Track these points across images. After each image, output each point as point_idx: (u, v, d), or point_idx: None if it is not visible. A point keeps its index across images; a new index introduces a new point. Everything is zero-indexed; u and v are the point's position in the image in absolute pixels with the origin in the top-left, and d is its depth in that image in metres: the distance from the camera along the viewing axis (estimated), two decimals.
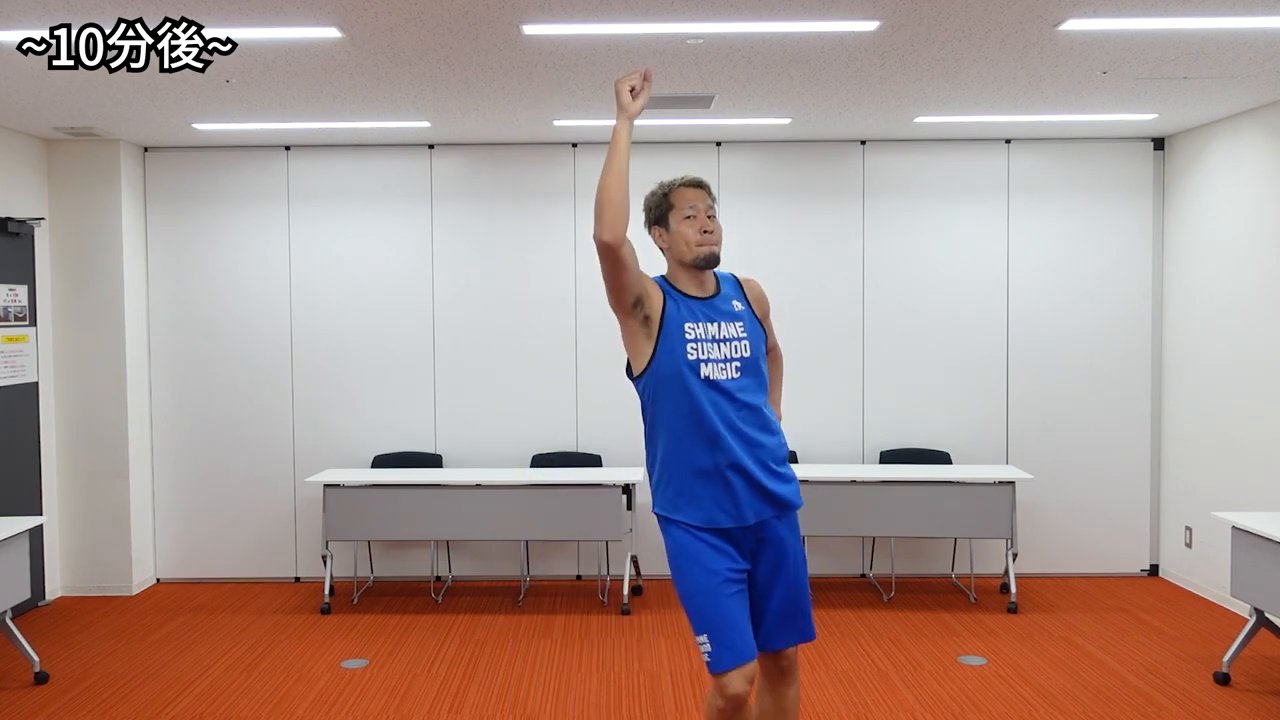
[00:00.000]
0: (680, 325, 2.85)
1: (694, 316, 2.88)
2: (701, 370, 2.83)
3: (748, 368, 2.89)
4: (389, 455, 6.31)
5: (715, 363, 2.85)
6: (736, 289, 3.04)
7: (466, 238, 6.35)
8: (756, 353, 2.93)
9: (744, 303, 3.01)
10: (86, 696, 4.53)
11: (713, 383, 2.83)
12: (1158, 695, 4.45)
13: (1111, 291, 6.32)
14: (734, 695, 2.79)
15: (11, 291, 5.74)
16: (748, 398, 2.87)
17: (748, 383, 2.89)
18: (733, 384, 2.86)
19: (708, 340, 2.86)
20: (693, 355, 2.83)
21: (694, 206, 2.92)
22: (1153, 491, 6.36)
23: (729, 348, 2.87)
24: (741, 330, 2.92)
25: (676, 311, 2.87)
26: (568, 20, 3.79)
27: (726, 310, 2.94)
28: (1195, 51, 4.31)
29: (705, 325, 2.87)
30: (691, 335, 2.85)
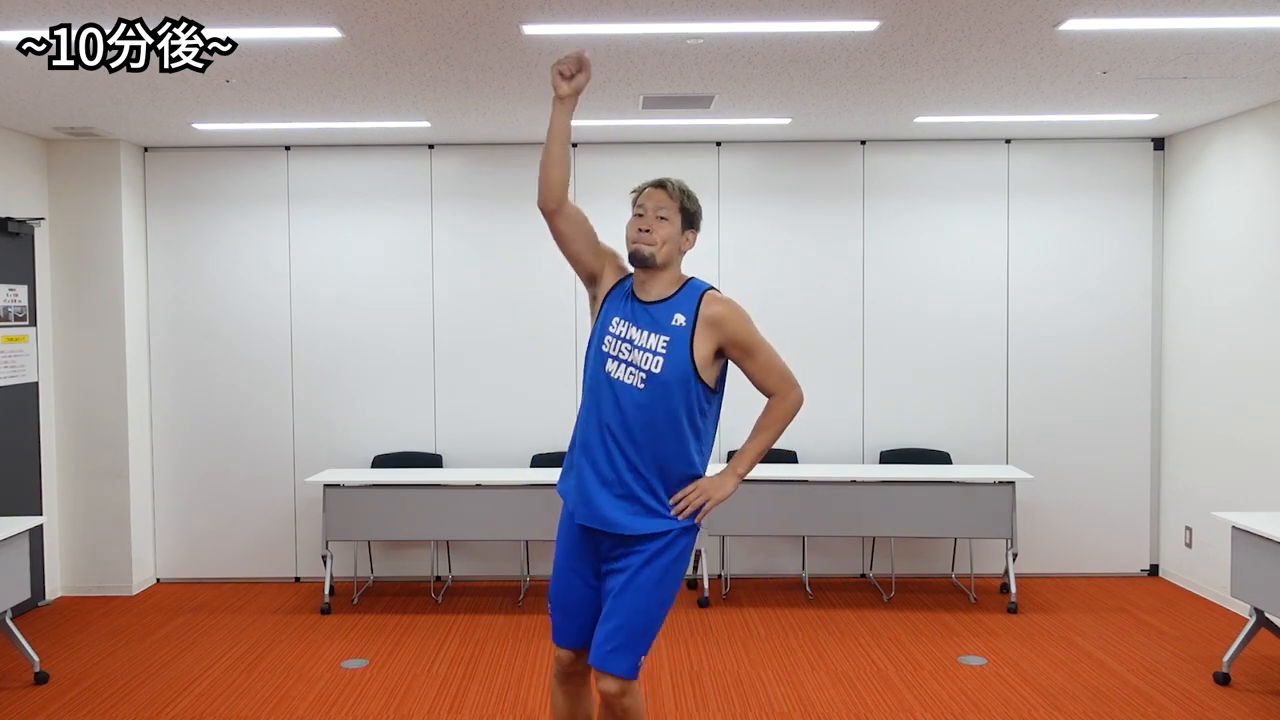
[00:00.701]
0: (610, 316, 2.93)
1: (623, 313, 2.92)
2: (608, 364, 2.88)
3: (654, 384, 2.82)
4: (389, 455, 6.31)
5: (624, 364, 2.86)
6: (690, 304, 2.88)
7: (466, 238, 6.35)
8: (669, 374, 2.81)
9: (690, 320, 2.86)
10: (86, 696, 4.53)
11: (613, 380, 2.87)
12: (1158, 695, 4.45)
13: (1111, 291, 6.32)
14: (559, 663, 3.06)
15: (11, 291, 5.74)
16: (642, 413, 2.82)
17: (649, 400, 2.82)
18: (629, 390, 2.84)
19: (624, 339, 2.88)
20: (606, 347, 2.89)
21: (642, 205, 2.94)
22: (1153, 491, 6.36)
23: (640, 356, 2.85)
24: (662, 345, 2.83)
25: (615, 303, 2.95)
26: (568, 20, 3.79)
27: (658, 321, 2.87)
28: (1195, 51, 4.31)
29: (629, 326, 2.89)
30: (614, 330, 2.90)
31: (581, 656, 3.02)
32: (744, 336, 2.89)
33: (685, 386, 2.84)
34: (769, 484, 5.78)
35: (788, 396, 2.98)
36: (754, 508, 5.76)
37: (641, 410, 2.83)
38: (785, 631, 5.36)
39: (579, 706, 3.11)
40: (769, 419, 2.99)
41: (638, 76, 4.65)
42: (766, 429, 2.98)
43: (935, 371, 6.34)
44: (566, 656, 3.03)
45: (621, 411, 2.84)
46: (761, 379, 2.96)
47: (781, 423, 2.98)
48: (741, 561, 6.39)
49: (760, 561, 6.40)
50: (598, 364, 2.90)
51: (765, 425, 2.99)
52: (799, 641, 5.19)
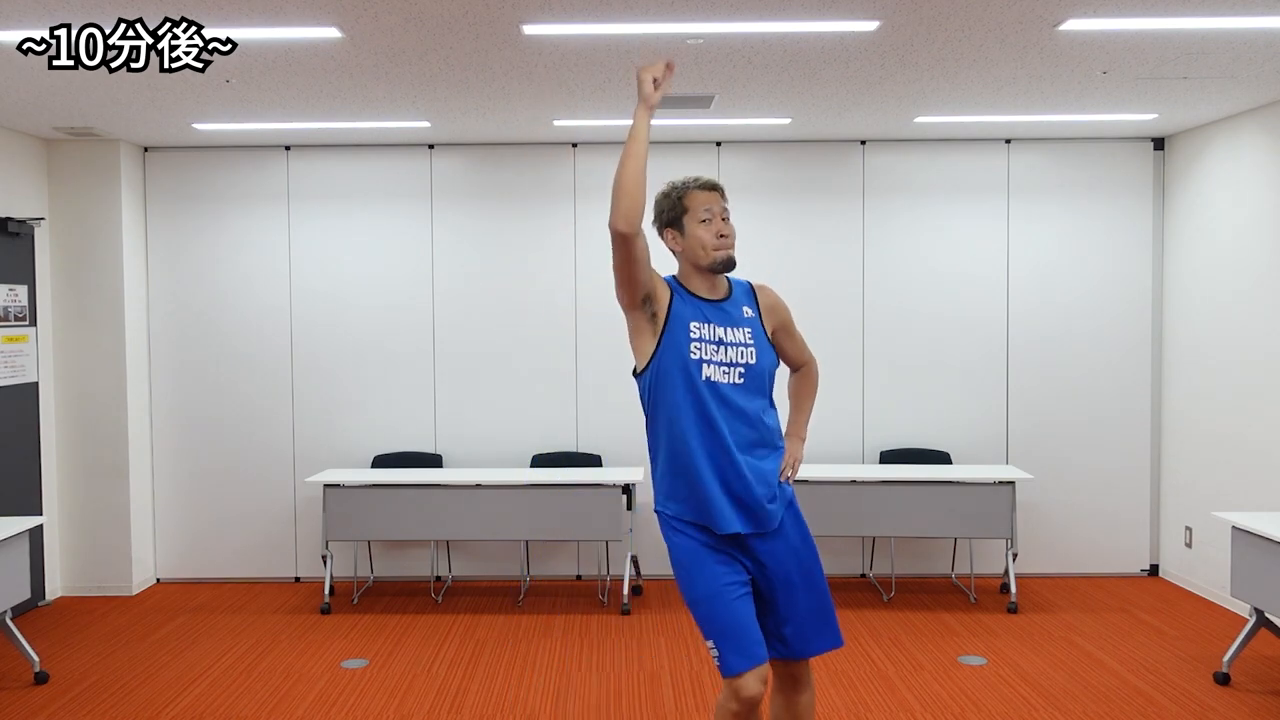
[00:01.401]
0: (686, 322, 2.83)
1: (701, 316, 2.86)
2: (703, 370, 2.80)
3: (751, 376, 2.86)
4: (389, 455, 6.31)
5: (717, 365, 2.82)
6: (749, 295, 2.99)
7: (466, 238, 6.35)
8: (763, 363, 2.89)
9: (754, 310, 2.96)
10: (86, 696, 4.53)
11: (713, 385, 2.81)
12: (1158, 695, 4.45)
13: (1111, 291, 6.32)
14: (747, 698, 2.74)
15: (11, 291, 5.74)
16: (746, 406, 2.84)
17: (750, 392, 2.86)
18: (733, 390, 2.82)
19: (712, 341, 2.84)
20: (695, 354, 2.81)
21: (709, 210, 2.88)
22: (1153, 491, 6.36)
23: (734, 353, 2.85)
24: (749, 337, 2.89)
25: (683, 309, 2.85)
26: (568, 20, 3.79)
27: (736, 315, 2.90)
28: (1195, 51, 4.31)
29: (712, 326, 2.85)
30: (696, 334, 2.82)
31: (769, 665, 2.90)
32: (789, 318, 3.10)
33: (771, 370, 2.96)
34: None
35: (814, 363, 3.24)
36: None
37: (747, 403, 2.85)
38: None
39: None
40: (808, 386, 3.22)
41: None
42: (808, 395, 3.22)
43: (935, 371, 6.34)
44: (764, 673, 2.79)
45: (733, 411, 2.83)
46: (798, 353, 3.16)
47: (816, 387, 3.25)
48: None
49: None
50: (690, 374, 2.80)
51: (807, 392, 3.22)
52: None
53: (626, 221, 2.62)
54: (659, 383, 2.83)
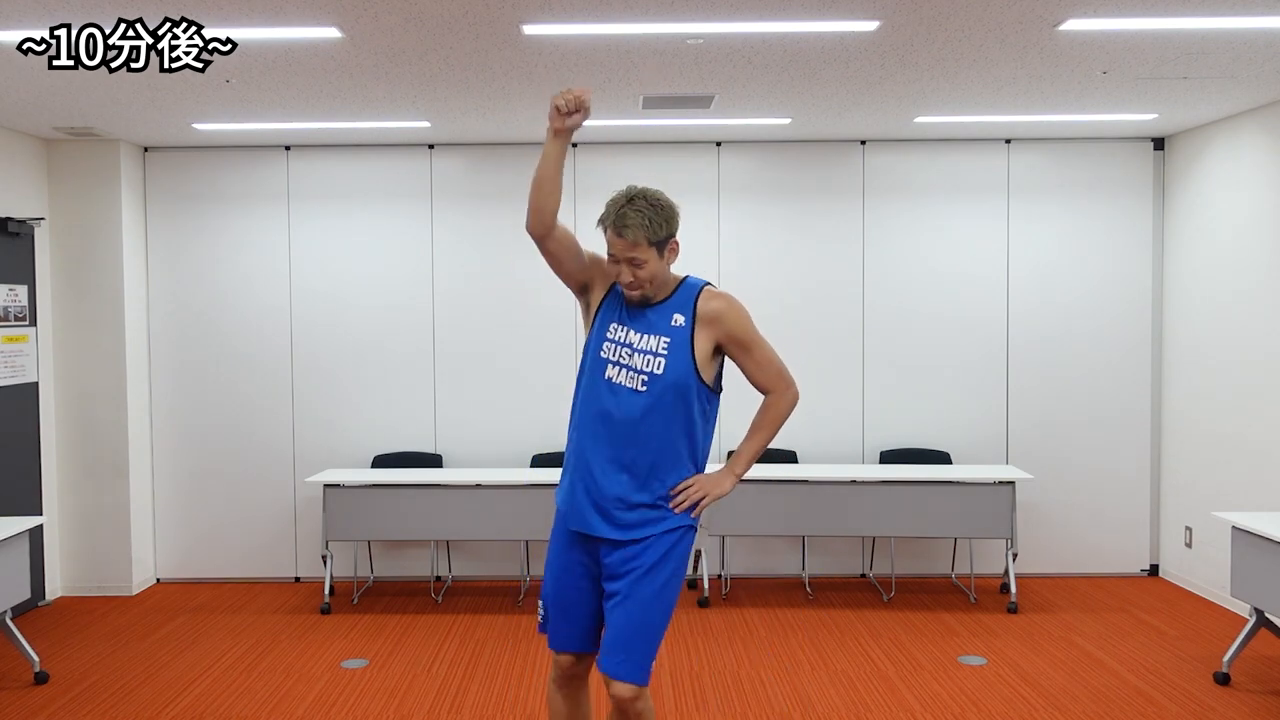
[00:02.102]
0: (607, 322, 2.92)
1: (621, 318, 2.91)
2: (607, 370, 2.87)
3: (656, 387, 2.82)
4: (389, 455, 6.31)
5: (623, 368, 2.86)
6: (688, 302, 2.89)
7: (466, 238, 6.35)
8: (672, 375, 2.82)
9: (688, 319, 2.87)
10: (86, 696, 4.53)
11: (614, 386, 2.85)
12: (1158, 695, 4.45)
13: (1111, 291, 6.32)
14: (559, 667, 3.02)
15: (11, 291, 5.74)
16: (638, 413, 2.82)
17: (650, 402, 2.82)
18: (631, 394, 2.83)
19: (624, 344, 2.87)
20: (604, 354, 2.89)
21: (614, 256, 2.86)
22: (1153, 491, 6.36)
23: (641, 359, 2.85)
24: (663, 347, 2.84)
25: (610, 309, 2.94)
26: (568, 20, 3.79)
27: (658, 323, 2.87)
28: (1195, 51, 4.31)
29: (626, 330, 2.88)
30: (612, 335, 2.89)
31: (581, 660, 3.01)
32: (741, 332, 2.90)
33: (686, 387, 2.84)
34: (769, 484, 5.78)
35: (784, 394, 2.98)
36: (754, 508, 5.76)
37: (642, 413, 2.82)
38: (785, 631, 5.36)
39: (578, 710, 3.09)
40: (766, 418, 2.99)
41: (638, 76, 4.65)
42: (763, 428, 2.98)
43: (935, 371, 6.34)
44: (567, 661, 3.00)
45: (621, 416, 2.83)
46: (758, 375, 2.95)
47: (778, 422, 2.98)
48: (741, 561, 6.39)
49: (760, 561, 6.40)
50: (596, 370, 2.89)
51: (762, 424, 2.99)
52: (799, 641, 5.19)
53: (532, 224, 2.86)
54: (580, 369, 2.98)
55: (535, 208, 2.83)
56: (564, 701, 3.07)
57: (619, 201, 2.84)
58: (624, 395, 2.84)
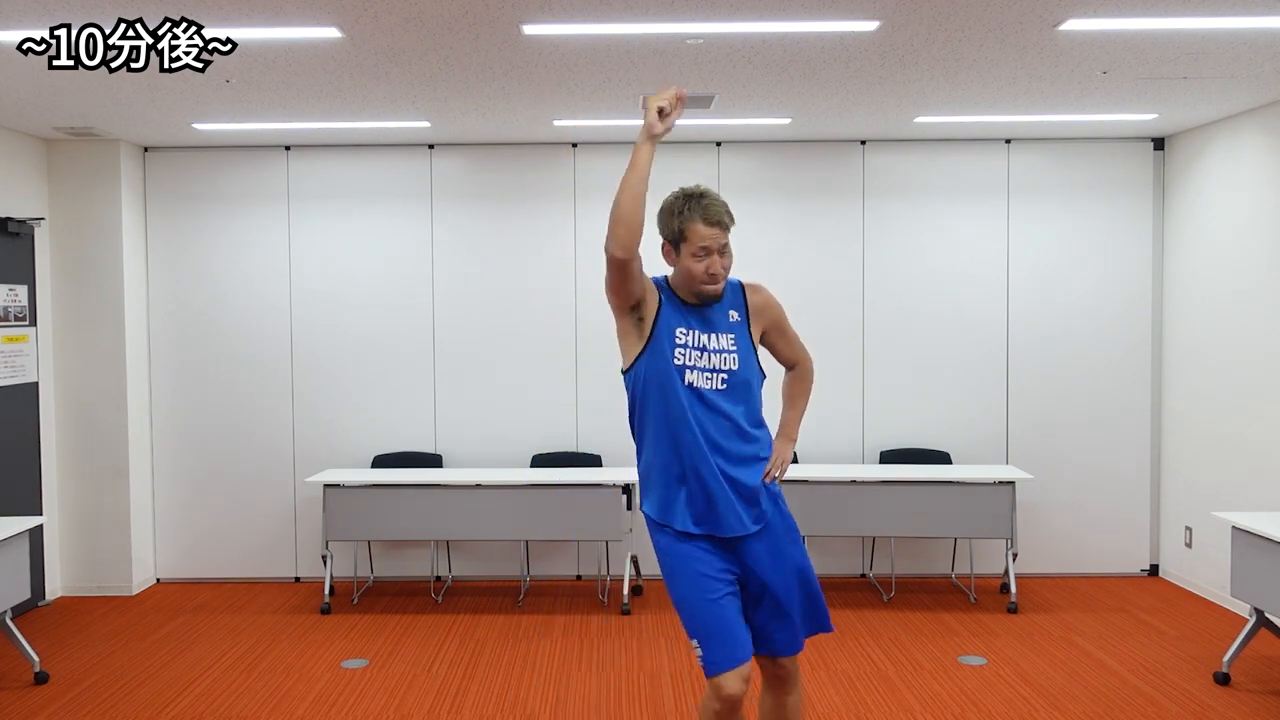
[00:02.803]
0: (672, 329, 2.87)
1: (686, 323, 2.88)
2: (686, 376, 2.84)
3: (733, 382, 2.87)
4: (389, 455, 6.31)
5: (700, 371, 2.85)
6: (738, 298, 2.98)
7: (466, 238, 6.35)
8: (745, 370, 2.90)
9: (742, 314, 2.96)
10: (86, 696, 4.53)
11: (696, 390, 2.85)
12: (1158, 695, 4.45)
13: (1111, 291, 6.32)
14: (729, 696, 2.80)
15: (11, 291, 5.74)
16: (730, 412, 2.86)
17: (731, 397, 2.87)
18: (716, 395, 2.85)
19: (695, 348, 2.86)
20: (679, 360, 2.85)
21: (707, 247, 2.83)
22: (1153, 491, 6.36)
23: (717, 359, 2.87)
24: (731, 343, 2.90)
25: (670, 315, 2.88)
26: (568, 20, 3.79)
27: (720, 321, 2.91)
28: (1195, 51, 4.31)
29: (696, 333, 2.88)
30: (681, 340, 2.86)
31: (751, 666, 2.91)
32: (782, 318, 3.08)
33: (755, 375, 2.95)
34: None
35: (809, 362, 3.21)
36: None
37: (731, 409, 2.87)
38: None
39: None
40: (801, 386, 3.20)
41: (638, 76, 4.65)
42: (801, 395, 3.20)
43: (935, 371, 6.34)
44: (747, 672, 2.82)
45: (716, 416, 2.85)
46: (790, 352, 3.15)
47: (810, 387, 3.22)
48: None
49: None
50: (673, 379, 2.83)
51: (799, 392, 3.20)
52: None
53: (623, 249, 2.66)
54: (645, 386, 2.87)
55: (628, 227, 2.63)
56: None
57: (694, 195, 2.84)
58: (710, 397, 2.85)
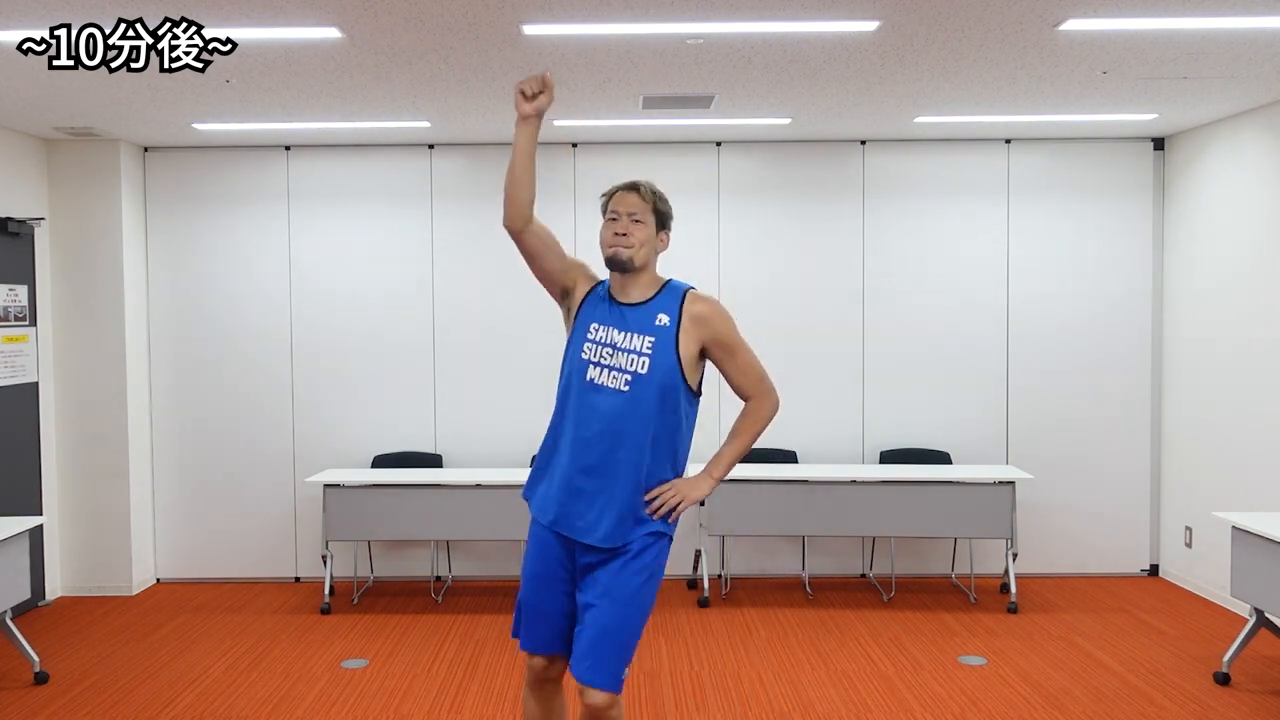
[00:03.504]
0: (588, 323, 2.91)
1: (602, 318, 2.90)
2: (589, 371, 2.85)
3: (639, 387, 2.81)
4: (389, 455, 6.31)
5: (606, 368, 2.84)
6: (673, 303, 2.89)
7: (466, 238, 6.35)
8: (656, 374, 2.81)
9: (674, 319, 2.87)
10: (86, 696, 4.53)
11: (595, 387, 2.84)
12: (1158, 695, 4.45)
13: (1111, 291, 6.32)
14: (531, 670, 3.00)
15: (11, 291, 5.74)
16: (621, 416, 2.81)
17: (632, 403, 2.81)
18: (615, 396, 2.82)
19: (606, 344, 2.86)
20: (586, 355, 2.87)
21: (616, 210, 2.91)
22: (1153, 491, 6.36)
23: (624, 359, 2.83)
24: (646, 346, 2.83)
25: (591, 309, 2.93)
26: (568, 20, 3.79)
27: (641, 322, 2.87)
28: (1195, 51, 4.31)
29: (609, 330, 2.87)
30: (593, 336, 2.88)
31: (554, 663, 2.98)
32: (727, 335, 2.91)
33: (670, 387, 2.83)
34: (769, 484, 5.78)
35: (765, 400, 2.98)
36: (754, 508, 5.76)
37: (624, 413, 2.81)
38: (785, 631, 5.36)
39: (551, 714, 3.06)
40: (746, 423, 2.99)
41: (638, 76, 4.65)
42: (743, 433, 2.98)
43: (935, 371, 6.33)
44: (540, 664, 2.97)
45: (603, 417, 2.82)
46: (740, 380, 2.96)
47: (758, 426, 2.98)
48: (741, 561, 6.39)
49: (760, 561, 6.40)
50: (577, 372, 2.87)
51: (742, 429, 2.99)
52: (799, 641, 5.19)
53: (509, 218, 2.87)
54: (563, 372, 2.95)
55: (510, 198, 2.85)
56: (537, 705, 3.04)
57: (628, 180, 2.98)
58: (606, 395, 2.82)
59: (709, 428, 4.08)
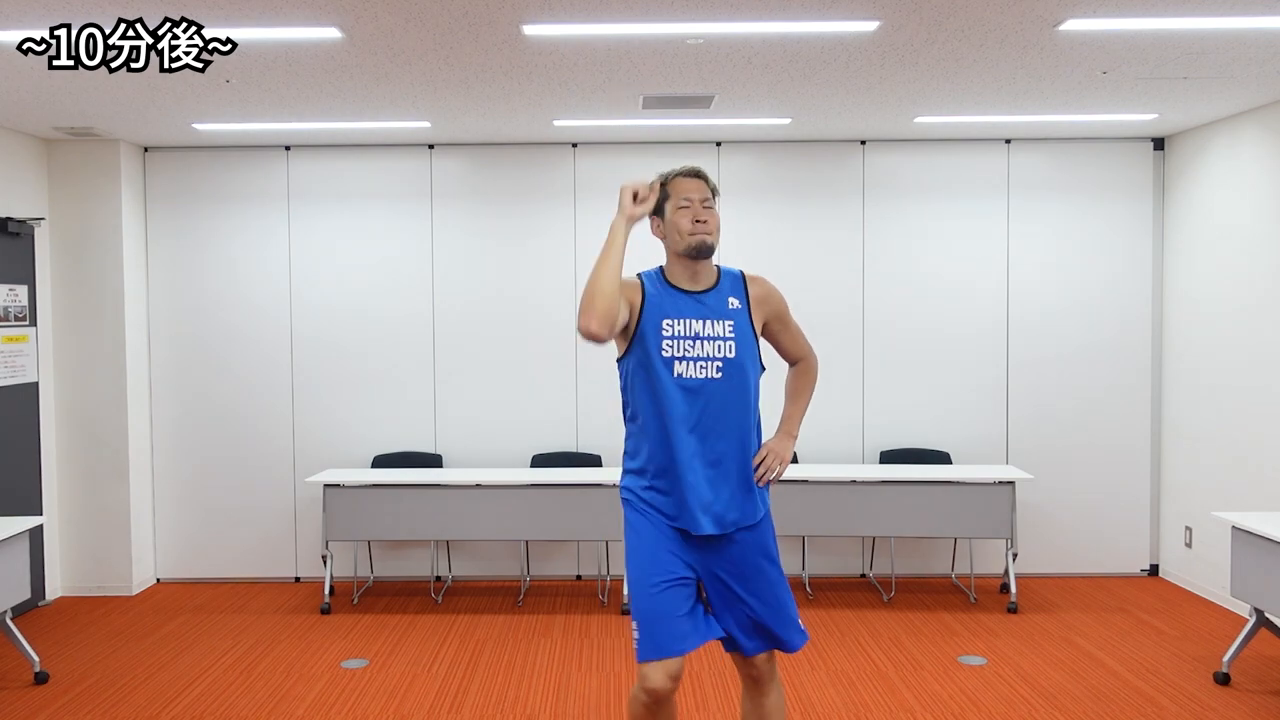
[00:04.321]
0: (658, 321, 2.87)
1: (676, 311, 2.88)
2: (675, 367, 2.84)
3: (730, 370, 2.85)
4: (389, 455, 6.31)
5: (692, 360, 2.85)
6: (738, 286, 2.98)
7: (466, 238, 6.35)
8: (743, 356, 2.88)
9: (743, 301, 2.96)
10: (86, 696, 4.53)
11: (686, 381, 2.84)
12: (1158, 695, 4.45)
13: (1111, 291, 6.32)
14: (652, 689, 2.80)
15: (11, 291, 5.74)
16: (724, 401, 2.84)
17: (728, 386, 2.85)
18: (710, 384, 2.84)
19: (687, 337, 2.86)
20: (667, 352, 2.85)
21: (689, 197, 2.89)
22: (1153, 491, 6.36)
23: (712, 346, 2.86)
24: (729, 330, 2.89)
25: (658, 306, 2.88)
26: (568, 20, 3.79)
27: (717, 307, 2.91)
28: (1195, 51, 4.31)
29: (687, 321, 2.87)
30: (669, 332, 2.86)
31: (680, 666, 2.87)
32: (785, 309, 3.08)
33: (754, 363, 2.94)
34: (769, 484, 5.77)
35: (812, 357, 3.20)
36: None
37: (723, 398, 2.86)
38: None
39: None
40: (804, 380, 3.19)
41: (638, 76, 4.65)
42: (805, 390, 3.19)
43: (935, 371, 6.34)
44: (672, 666, 2.80)
45: (704, 407, 2.84)
46: (795, 346, 3.14)
47: (814, 383, 3.20)
48: None
49: None
50: (661, 372, 2.83)
51: (802, 387, 3.19)
52: None
53: (600, 325, 2.69)
54: (633, 378, 2.91)
55: (602, 310, 2.68)
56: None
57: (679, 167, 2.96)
58: (700, 386, 2.84)
59: None
